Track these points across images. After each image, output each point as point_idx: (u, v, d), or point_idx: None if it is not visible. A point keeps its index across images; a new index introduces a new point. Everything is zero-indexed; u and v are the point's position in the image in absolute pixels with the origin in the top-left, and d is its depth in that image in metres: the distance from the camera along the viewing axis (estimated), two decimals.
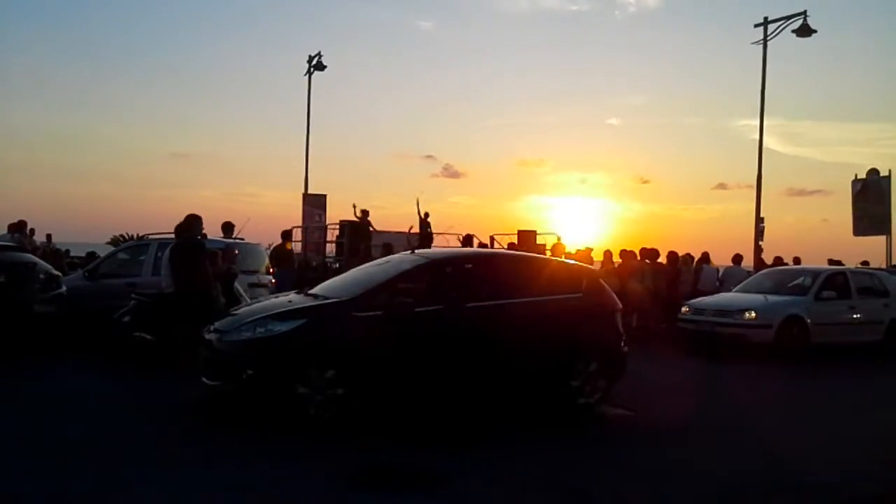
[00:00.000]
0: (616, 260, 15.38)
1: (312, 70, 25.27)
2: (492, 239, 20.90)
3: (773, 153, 70.38)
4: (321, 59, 24.87)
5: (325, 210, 24.05)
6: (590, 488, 5.10)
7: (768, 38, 19.95)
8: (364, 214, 19.56)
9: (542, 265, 8.58)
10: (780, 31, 19.78)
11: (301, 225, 22.94)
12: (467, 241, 17.14)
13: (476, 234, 19.74)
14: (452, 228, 19.93)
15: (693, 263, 15.75)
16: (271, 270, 12.56)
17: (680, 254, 15.44)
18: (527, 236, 20.10)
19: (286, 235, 16.52)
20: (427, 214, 19.67)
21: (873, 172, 21.34)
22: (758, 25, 20.17)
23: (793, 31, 19.39)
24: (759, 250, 19.74)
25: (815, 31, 19.15)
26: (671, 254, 15.26)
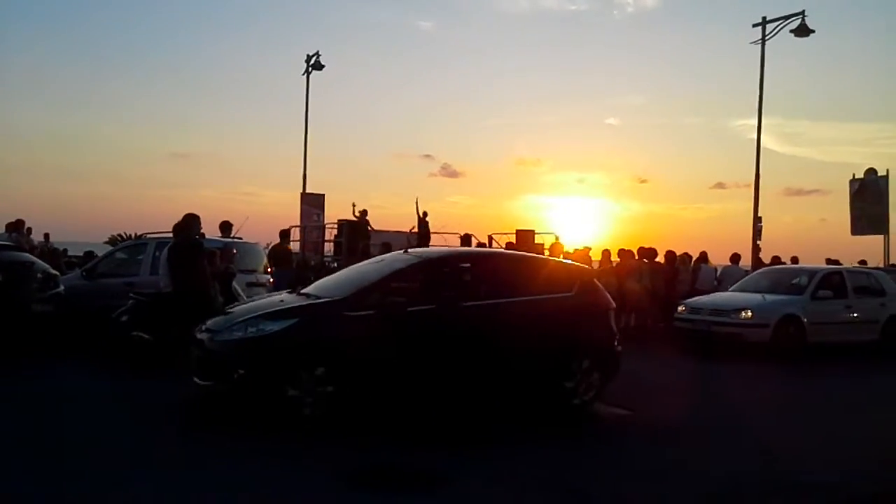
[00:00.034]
0: (614, 259, 15.41)
1: (311, 70, 25.26)
2: (490, 238, 20.89)
3: (771, 153, 70.47)
4: (319, 58, 24.89)
5: (323, 209, 24.06)
6: (589, 488, 5.11)
7: (766, 37, 19.97)
8: (363, 214, 19.59)
9: (534, 264, 8.56)
10: (779, 30, 19.81)
11: (299, 224, 22.95)
12: (466, 240, 17.14)
13: (475, 234, 19.77)
14: (446, 227, 19.87)
15: (691, 263, 15.77)
16: (269, 270, 12.55)
17: (678, 253, 15.47)
18: (525, 236, 20.09)
19: (284, 235, 16.53)
20: (426, 213, 19.69)
21: (871, 172, 21.39)
22: (756, 25, 20.19)
23: (791, 30, 19.40)
24: (756, 250, 19.77)
25: (814, 31, 19.17)
26: (669, 253, 15.29)
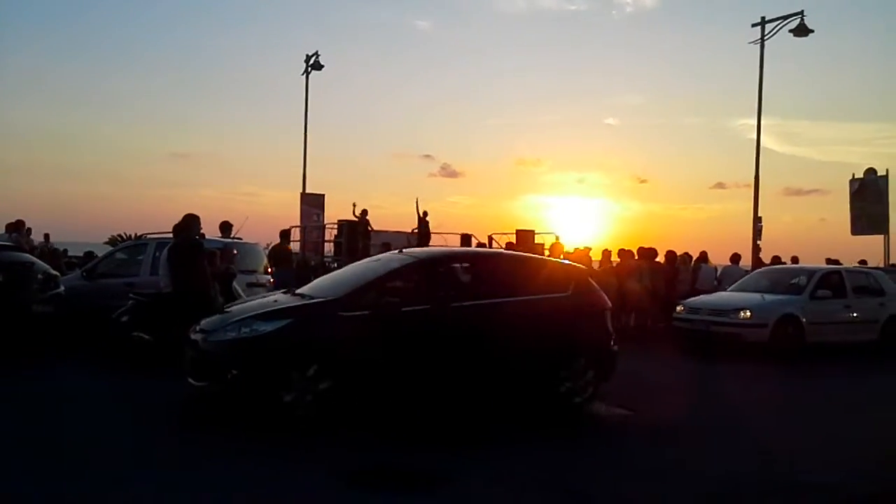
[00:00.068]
0: (614, 259, 15.43)
1: (310, 70, 25.28)
2: (490, 238, 20.92)
3: (770, 153, 70.29)
4: (318, 58, 24.91)
5: (323, 209, 24.08)
6: (589, 488, 5.11)
7: (766, 37, 20.00)
8: (363, 214, 19.61)
9: (529, 265, 8.53)
10: (778, 30, 19.85)
11: (299, 224, 22.96)
12: (465, 240, 17.16)
13: (474, 234, 19.81)
14: (443, 227, 19.92)
15: (691, 263, 15.78)
16: (269, 270, 12.56)
17: (678, 253, 15.47)
18: (525, 236, 20.13)
19: (285, 235, 16.54)
20: (426, 213, 19.72)
21: (871, 172, 21.41)
22: (755, 25, 20.22)
23: (790, 30, 19.43)
24: (757, 249, 19.80)
25: (813, 31, 19.22)
26: (669, 253, 15.29)
